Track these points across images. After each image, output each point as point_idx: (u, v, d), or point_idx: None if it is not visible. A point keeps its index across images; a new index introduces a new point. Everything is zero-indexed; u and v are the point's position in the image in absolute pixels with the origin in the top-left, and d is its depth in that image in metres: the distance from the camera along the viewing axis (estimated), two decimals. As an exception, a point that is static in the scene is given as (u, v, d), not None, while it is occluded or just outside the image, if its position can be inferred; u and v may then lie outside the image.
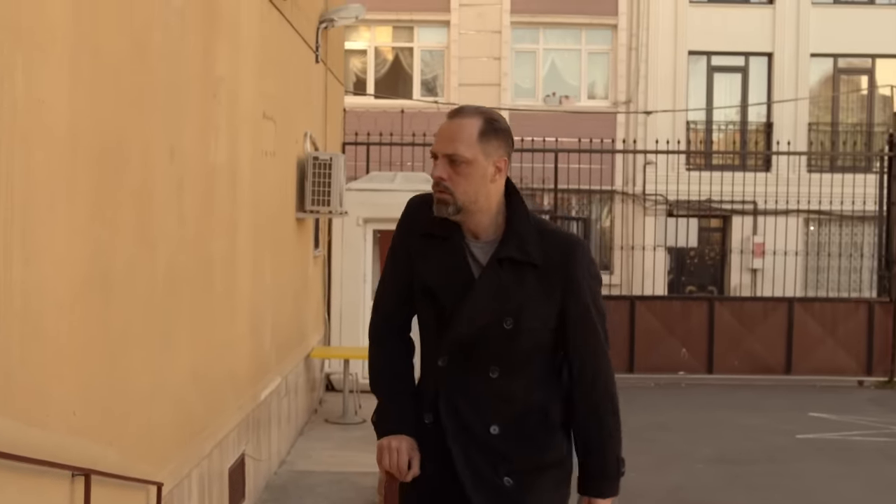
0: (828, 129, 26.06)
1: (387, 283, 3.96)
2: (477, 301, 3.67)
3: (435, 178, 3.68)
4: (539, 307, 3.70)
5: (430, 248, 3.78)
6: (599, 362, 3.81)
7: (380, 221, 15.01)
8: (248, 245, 8.75)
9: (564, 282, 3.71)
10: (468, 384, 3.74)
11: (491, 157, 3.66)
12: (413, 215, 3.88)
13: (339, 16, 13.11)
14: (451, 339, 3.71)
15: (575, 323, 3.74)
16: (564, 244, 3.76)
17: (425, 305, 3.80)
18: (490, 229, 3.75)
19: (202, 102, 7.16)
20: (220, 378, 7.85)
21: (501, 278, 3.68)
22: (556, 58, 26.27)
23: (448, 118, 3.72)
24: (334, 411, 13.39)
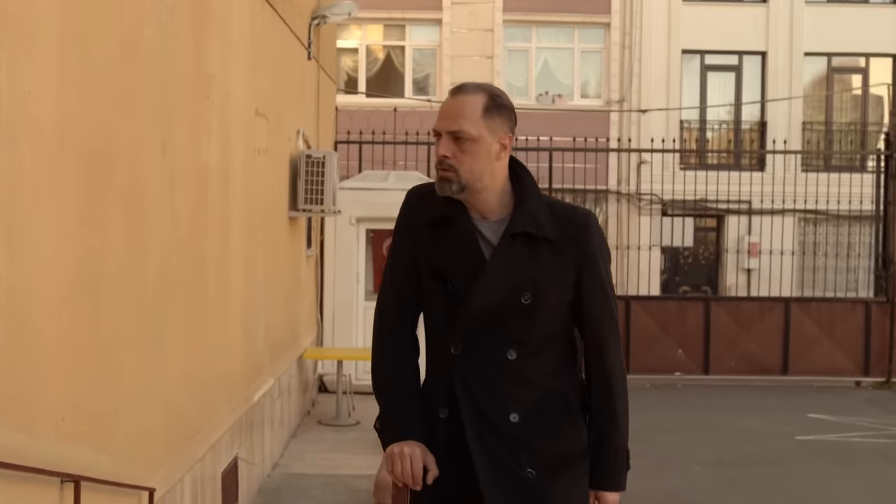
0: (822, 128, 25.96)
1: (390, 278, 3.81)
2: (491, 276, 3.56)
3: (439, 157, 3.56)
4: (555, 281, 3.60)
5: (438, 235, 3.64)
6: (612, 336, 3.71)
7: (373, 221, 14.91)
8: (240, 245, 8.61)
9: (579, 254, 3.61)
10: (485, 370, 3.60)
11: (496, 134, 3.56)
12: (414, 205, 3.75)
13: (332, 12, 12.95)
14: (466, 319, 3.58)
15: (590, 294, 3.64)
16: (577, 217, 3.67)
17: (436, 291, 3.65)
18: (498, 208, 3.63)
19: (194, 99, 7.02)
20: (213, 381, 7.71)
21: (516, 253, 3.57)
22: (548, 56, 26.15)
23: (450, 95, 3.61)
24: (327, 413, 13.25)
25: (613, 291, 3.74)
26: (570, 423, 3.67)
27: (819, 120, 26.23)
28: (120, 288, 5.36)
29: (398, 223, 3.80)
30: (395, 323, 3.77)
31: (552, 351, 3.67)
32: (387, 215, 14.72)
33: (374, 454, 11.02)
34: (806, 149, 24.86)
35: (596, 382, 3.71)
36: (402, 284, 3.75)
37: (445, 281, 3.62)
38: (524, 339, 3.59)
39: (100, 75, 5.01)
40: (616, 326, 3.74)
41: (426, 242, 3.67)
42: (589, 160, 20.76)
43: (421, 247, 3.68)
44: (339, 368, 12.97)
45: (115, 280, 5.28)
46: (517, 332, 3.58)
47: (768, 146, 23.87)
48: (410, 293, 3.74)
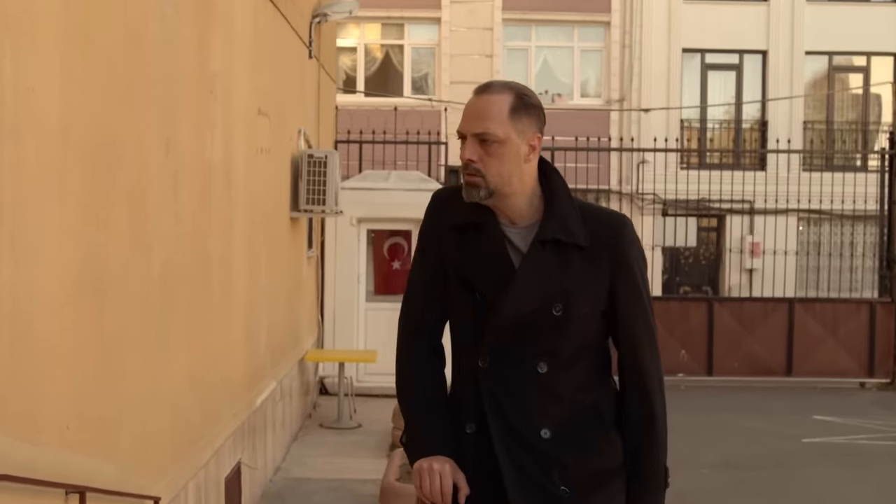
0: (823, 127, 25.83)
1: (415, 285, 3.65)
2: (521, 286, 3.38)
3: (464, 160, 3.39)
4: (588, 291, 3.42)
5: (464, 240, 3.48)
6: (649, 349, 3.52)
7: (374, 221, 14.80)
8: (243, 245, 8.48)
9: (614, 262, 3.44)
10: (513, 383, 3.42)
11: (524, 135, 3.37)
12: (440, 208, 3.58)
13: (333, 10, 12.80)
14: (494, 330, 3.40)
15: (625, 305, 3.46)
16: (611, 222, 3.49)
17: (462, 299, 3.48)
18: (527, 213, 3.46)
19: (197, 97, 6.89)
20: (217, 383, 7.57)
21: (546, 261, 3.39)
22: (548, 55, 25.99)
23: (475, 95, 3.42)
24: (329, 416, 13.10)
25: (651, 301, 3.56)
26: (604, 438, 3.49)
27: (820, 119, 26.09)
28: (124, 286, 5.22)
29: (423, 226, 3.64)
30: (421, 330, 3.61)
31: (584, 363, 3.50)
32: (388, 215, 14.90)
33: (377, 458, 10.89)
34: (807, 148, 24.70)
35: (632, 398, 3.52)
36: (429, 289, 3.58)
37: (472, 289, 3.46)
38: (555, 352, 3.42)
39: (104, 71, 4.87)
40: (654, 340, 3.55)
41: (452, 246, 3.51)
42: (590, 160, 20.59)
43: (447, 250, 3.52)
44: (341, 371, 12.82)
45: (120, 278, 5.14)
46: (548, 344, 3.42)
47: (769, 145, 23.73)
48: (438, 298, 3.57)
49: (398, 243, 15.12)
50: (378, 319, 14.72)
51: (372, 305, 14.87)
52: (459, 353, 3.55)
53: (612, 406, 3.53)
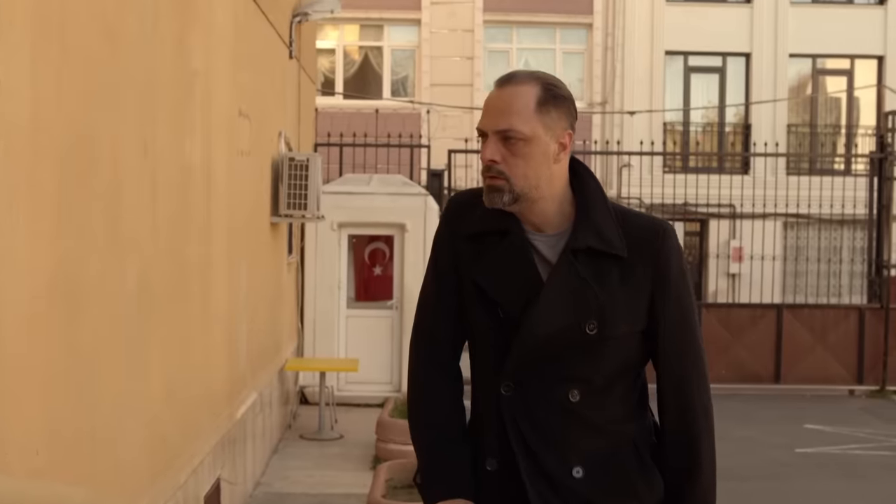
0: (807, 130, 25.61)
1: (429, 301, 3.24)
2: (550, 302, 2.98)
3: (485, 162, 2.99)
4: (627, 308, 3.02)
5: (485, 250, 3.09)
6: (697, 382, 3.11)
7: (355, 226, 14.48)
8: (223, 251, 8.12)
9: (655, 276, 3.05)
10: (541, 413, 3.02)
11: (553, 132, 2.98)
12: (457, 215, 3.19)
13: (314, 9, 12.48)
14: (519, 353, 3.00)
15: (668, 325, 3.07)
16: (652, 230, 3.08)
17: (482, 317, 3.08)
18: (556, 219, 3.07)
19: (177, 96, 6.53)
20: (196, 397, 7.20)
21: (579, 273, 3.00)
22: (530, 57, 25.64)
23: (497, 87, 3.03)
24: (309, 426, 12.74)
25: (697, 320, 3.15)
26: (643, 479, 3.08)
27: (804, 122, 25.88)
28: (99, 297, 4.85)
29: (438, 234, 3.26)
30: (436, 352, 3.21)
31: (620, 391, 3.10)
32: (369, 220, 14.56)
33: (361, 470, 10.57)
34: (791, 151, 24.48)
35: (675, 444, 3.11)
36: (445, 305, 3.19)
37: (493, 306, 3.07)
38: (588, 378, 3.03)
39: (78, 66, 4.50)
40: (703, 369, 3.13)
41: (471, 257, 3.12)
42: (572, 163, 20.26)
43: (465, 261, 3.13)
44: (322, 380, 12.46)
45: (94, 288, 4.77)
46: (580, 368, 3.02)
47: (753, 149, 23.50)
48: (455, 316, 3.18)
49: (379, 248, 14.78)
50: (359, 327, 14.44)
51: (353, 312, 14.55)
52: (479, 379, 3.18)
53: (649, 444, 3.14)
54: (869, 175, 18.28)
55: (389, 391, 14.22)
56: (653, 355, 3.12)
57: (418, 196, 14.54)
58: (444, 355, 3.21)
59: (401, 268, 14.47)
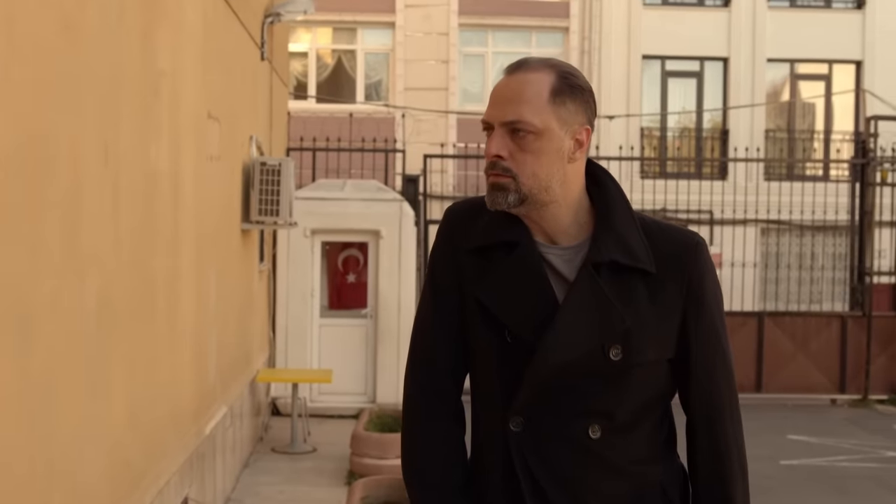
0: (785, 135, 25.39)
1: (426, 324, 2.84)
2: (568, 324, 2.60)
3: (489, 158, 2.63)
4: (655, 330, 2.65)
5: (490, 265, 2.72)
6: (730, 415, 2.73)
7: (328, 233, 14.12)
8: (191, 262, 7.73)
9: (687, 294, 2.68)
10: (557, 453, 2.64)
11: (568, 126, 2.62)
12: (458, 228, 2.81)
13: (287, 10, 12.09)
14: (531, 384, 2.62)
15: (700, 349, 2.69)
16: (683, 242, 2.72)
17: (487, 343, 2.70)
18: (572, 229, 2.70)
19: (142, 97, 6.14)
20: (162, 417, 6.81)
21: (601, 290, 2.62)
22: (505, 61, 25.12)
23: (506, 74, 2.67)
24: (281, 439, 12.35)
25: (729, 345, 2.77)
26: None
27: (782, 127, 25.65)
28: (54, 316, 4.46)
29: (435, 249, 2.86)
30: (435, 385, 2.81)
31: (646, 427, 2.71)
32: (343, 227, 14.18)
33: (334, 486, 10.24)
34: (769, 157, 24.25)
35: (705, 472, 2.73)
36: (445, 331, 2.80)
37: (501, 330, 2.68)
38: (611, 412, 2.64)
39: (31, 61, 4.12)
40: (736, 401, 2.76)
41: (474, 274, 2.73)
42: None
43: (467, 279, 2.75)
44: (294, 391, 12.09)
45: (49, 307, 4.39)
46: (602, 401, 2.64)
47: (730, 154, 23.26)
48: (457, 341, 2.79)
49: (353, 256, 14.43)
50: (332, 336, 14.09)
51: (326, 321, 14.19)
52: (483, 412, 2.79)
53: (680, 484, 2.77)
54: (851, 181, 18.06)
55: (364, 402, 13.88)
56: (681, 385, 2.75)
57: (393, 202, 14.21)
58: (444, 392, 2.81)
59: (375, 275, 14.12)
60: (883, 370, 17.05)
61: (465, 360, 2.80)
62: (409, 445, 2.82)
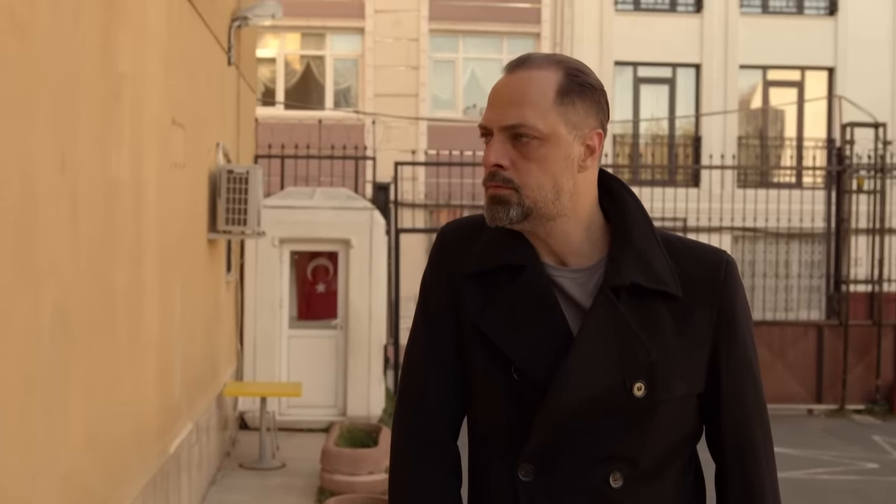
0: (757, 142, 25.25)
1: (418, 359, 2.51)
2: (585, 358, 2.28)
3: (488, 167, 2.33)
4: (684, 363, 2.35)
5: (492, 292, 2.40)
6: (765, 457, 2.43)
7: (297, 242, 13.81)
8: (155, 274, 7.43)
9: (718, 321, 2.37)
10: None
11: (577, 130, 2.32)
12: (451, 249, 2.49)
13: (254, 13, 11.79)
14: (543, 427, 2.30)
15: (733, 384, 2.39)
16: (712, 262, 2.41)
17: (490, 381, 2.39)
18: (584, 248, 2.39)
19: (101, 102, 5.84)
20: (123, 437, 6.50)
21: (622, 318, 2.31)
22: (476, 67, 25.03)
23: (506, 72, 2.37)
24: (249, 454, 12.01)
25: (760, 375, 2.47)
26: None
27: (755, 134, 25.52)
28: (5, 335, 4.15)
29: (427, 274, 2.54)
30: (429, 431, 2.47)
31: (673, 472, 2.40)
32: (312, 236, 13.84)
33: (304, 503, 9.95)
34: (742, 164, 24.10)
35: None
36: (440, 367, 2.47)
37: (506, 366, 2.35)
38: (634, 457, 2.33)
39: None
40: (769, 432, 2.45)
41: (474, 303, 2.41)
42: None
43: (466, 308, 2.42)
44: (263, 405, 11.76)
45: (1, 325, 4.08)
46: (624, 445, 2.32)
47: (703, 161, 23.10)
48: (455, 378, 2.47)
49: (323, 265, 14.13)
50: (302, 347, 13.78)
51: (295, 332, 13.88)
52: (484, 460, 2.46)
53: None
54: (826, 188, 17.90)
55: (334, 415, 13.57)
56: (710, 423, 2.45)
57: (364, 210, 13.92)
58: (438, 433, 2.47)
59: (346, 285, 13.82)
60: (860, 379, 16.86)
61: (462, 399, 2.48)
62: (396, 497, 2.49)
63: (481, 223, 2.41)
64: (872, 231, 17.41)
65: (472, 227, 2.48)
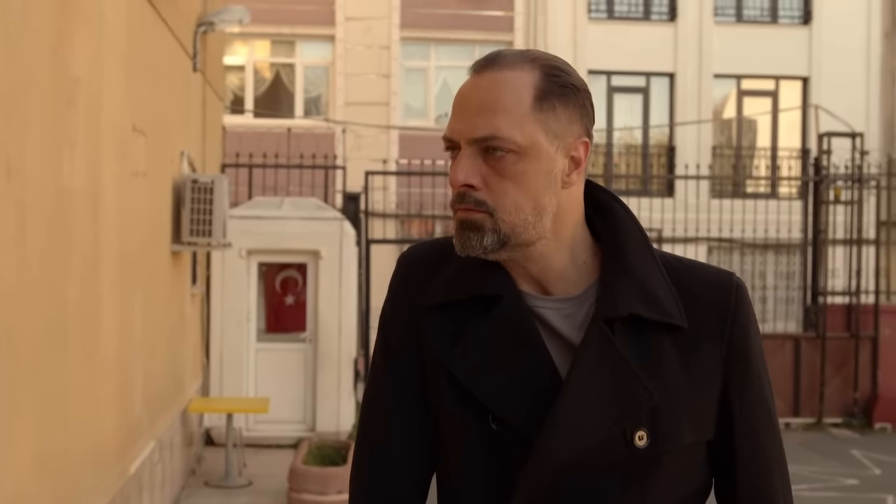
0: (731, 152, 25.09)
1: (377, 406, 2.13)
2: (578, 404, 1.92)
3: (456, 187, 1.97)
4: (691, 405, 1.98)
5: (462, 327, 2.03)
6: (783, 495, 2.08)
7: (265, 253, 13.49)
8: (113, 288, 7.11)
9: (728, 354, 2.02)
10: None
11: (560, 140, 1.96)
12: (414, 278, 2.13)
13: (221, 18, 11.49)
14: (531, 488, 1.94)
15: (747, 426, 2.03)
16: (719, 287, 2.05)
17: (462, 432, 2.01)
18: (570, 273, 2.03)
19: (53, 108, 5.55)
20: (78, 459, 6.19)
21: (619, 355, 1.95)
22: (448, 76, 24.76)
23: (473, 72, 2.00)
24: (215, 471, 11.68)
25: (777, 414, 2.11)
26: None
27: (729, 144, 25.37)
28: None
29: (387, 306, 2.17)
30: (388, 486, 2.07)
31: None
32: (281, 247, 13.50)
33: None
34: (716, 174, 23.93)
35: None
36: (403, 416, 2.09)
37: (482, 413, 1.99)
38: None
39: None
40: (789, 483, 2.10)
41: (440, 340, 2.04)
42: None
43: (433, 346, 2.05)
44: (229, 421, 11.43)
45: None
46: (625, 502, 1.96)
47: (678, 171, 22.90)
48: (420, 427, 2.08)
49: (292, 277, 13.82)
50: (269, 361, 13.46)
51: (263, 346, 13.55)
52: None
53: None
54: (802, 198, 17.73)
55: (303, 430, 13.26)
56: (721, 474, 2.09)
57: (333, 220, 13.61)
58: (401, 489, 2.09)
59: (315, 297, 13.51)
60: (837, 392, 16.65)
61: (431, 450, 2.10)
62: None
63: (448, 247, 2.05)
64: (850, 242, 17.23)
65: (438, 251, 2.12)
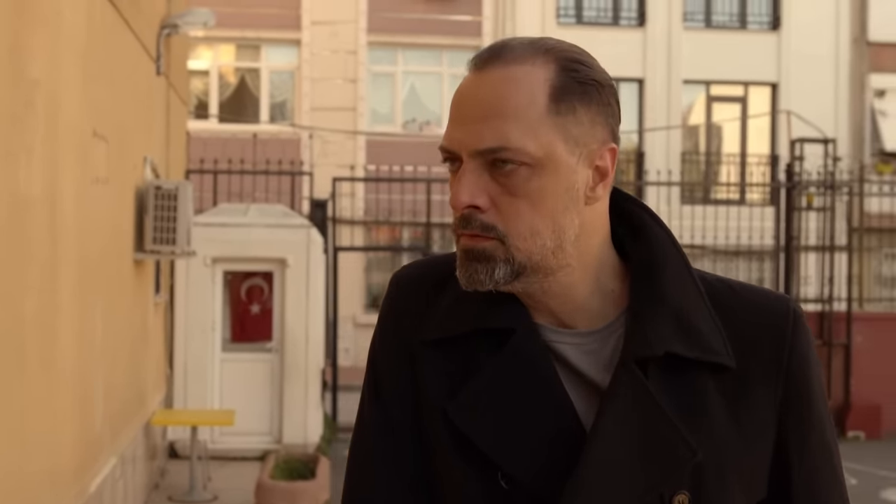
0: (701, 158, 25.01)
1: (363, 452, 1.75)
2: (606, 461, 1.57)
3: (459, 209, 1.61)
4: (740, 461, 1.63)
5: (466, 366, 1.66)
6: None
7: (231, 261, 13.21)
8: (72, 299, 6.84)
9: (785, 398, 1.67)
10: None
11: (582, 147, 1.61)
12: (408, 306, 1.76)
13: (185, 21, 11.22)
14: None
15: (808, 485, 1.68)
16: (771, 314, 1.69)
17: (468, 491, 1.63)
18: (593, 301, 1.67)
19: (9, 111, 5.27)
20: (35, 477, 5.92)
21: (655, 402, 1.59)
22: (416, 81, 24.61)
23: (475, 68, 1.63)
24: (179, 485, 11.38)
25: (842, 466, 1.76)
26: None
27: (698, 150, 25.28)
28: None
29: (377, 339, 1.79)
30: None
31: None
32: (247, 255, 13.20)
33: (238, 542, 9.37)
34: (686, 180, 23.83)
35: None
36: (396, 468, 1.70)
37: (489, 468, 1.63)
38: None
39: None
40: None
41: (439, 382, 1.68)
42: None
43: (431, 390, 1.69)
44: (194, 434, 11.13)
45: None
46: None
47: (647, 177, 22.78)
48: (417, 483, 1.70)
49: (258, 285, 13.55)
50: (235, 371, 13.18)
51: (228, 356, 13.26)
52: None
53: None
54: (774, 205, 17.62)
55: (269, 443, 12.98)
56: None
57: (300, 228, 13.36)
58: None
59: (281, 307, 13.24)
60: (810, 401, 16.53)
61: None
62: None
63: (449, 266, 1.70)
64: (822, 249, 17.11)
65: (436, 273, 1.77)
